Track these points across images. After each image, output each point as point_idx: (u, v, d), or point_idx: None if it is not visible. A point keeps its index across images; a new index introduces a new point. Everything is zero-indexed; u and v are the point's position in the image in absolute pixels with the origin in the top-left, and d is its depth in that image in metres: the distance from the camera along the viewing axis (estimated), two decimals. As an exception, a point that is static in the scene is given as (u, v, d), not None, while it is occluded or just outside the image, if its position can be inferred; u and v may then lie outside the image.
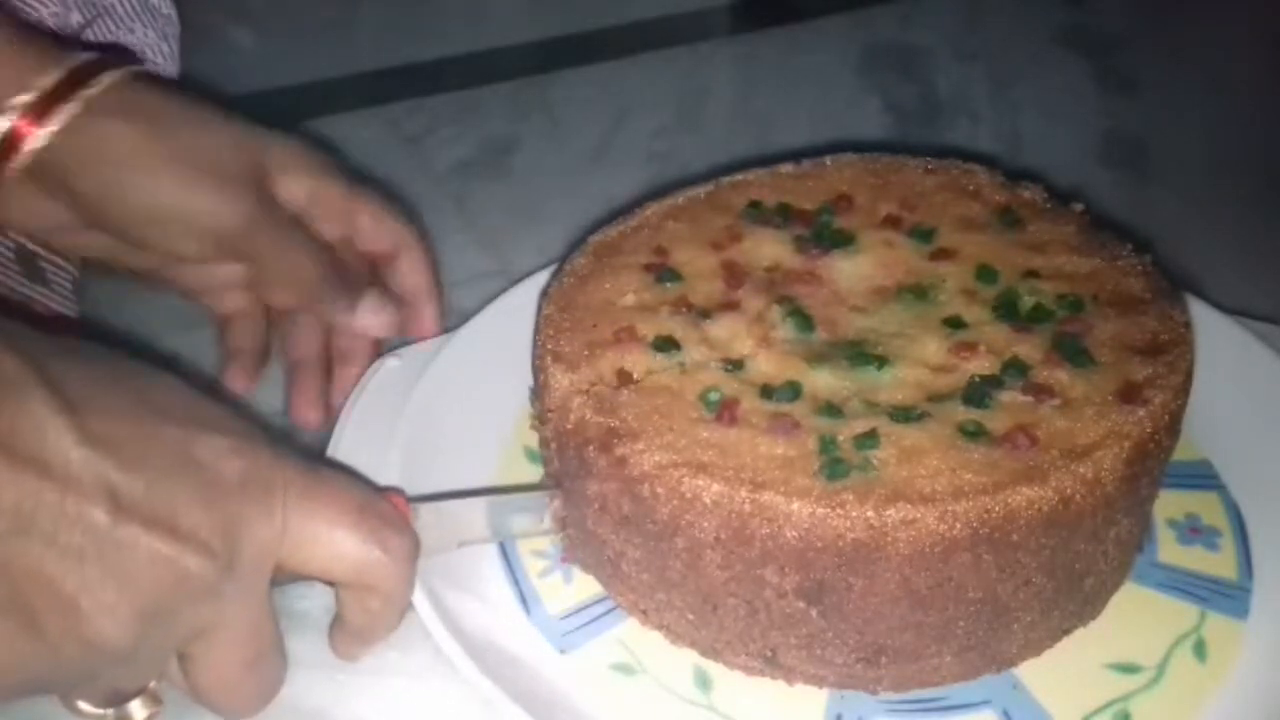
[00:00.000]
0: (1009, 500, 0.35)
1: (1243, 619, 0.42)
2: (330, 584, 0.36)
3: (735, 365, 0.41)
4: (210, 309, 0.51)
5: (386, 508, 0.36)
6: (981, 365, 0.40)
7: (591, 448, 0.38)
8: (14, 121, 0.42)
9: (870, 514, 0.34)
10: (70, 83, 0.43)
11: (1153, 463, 0.38)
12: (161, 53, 0.55)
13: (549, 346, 0.42)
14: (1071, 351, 0.40)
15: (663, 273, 0.45)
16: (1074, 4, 0.82)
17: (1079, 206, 0.48)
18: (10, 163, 0.43)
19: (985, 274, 0.45)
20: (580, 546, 0.42)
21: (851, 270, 0.46)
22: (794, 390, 0.40)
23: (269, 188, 0.47)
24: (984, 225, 0.47)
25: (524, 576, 0.44)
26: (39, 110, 0.43)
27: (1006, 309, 0.43)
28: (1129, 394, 0.38)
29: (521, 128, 0.71)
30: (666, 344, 0.42)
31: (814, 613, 0.37)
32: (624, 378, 0.41)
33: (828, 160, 0.51)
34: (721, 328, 0.43)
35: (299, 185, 0.48)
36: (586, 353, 0.42)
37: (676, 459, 0.37)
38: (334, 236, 0.50)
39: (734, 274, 0.46)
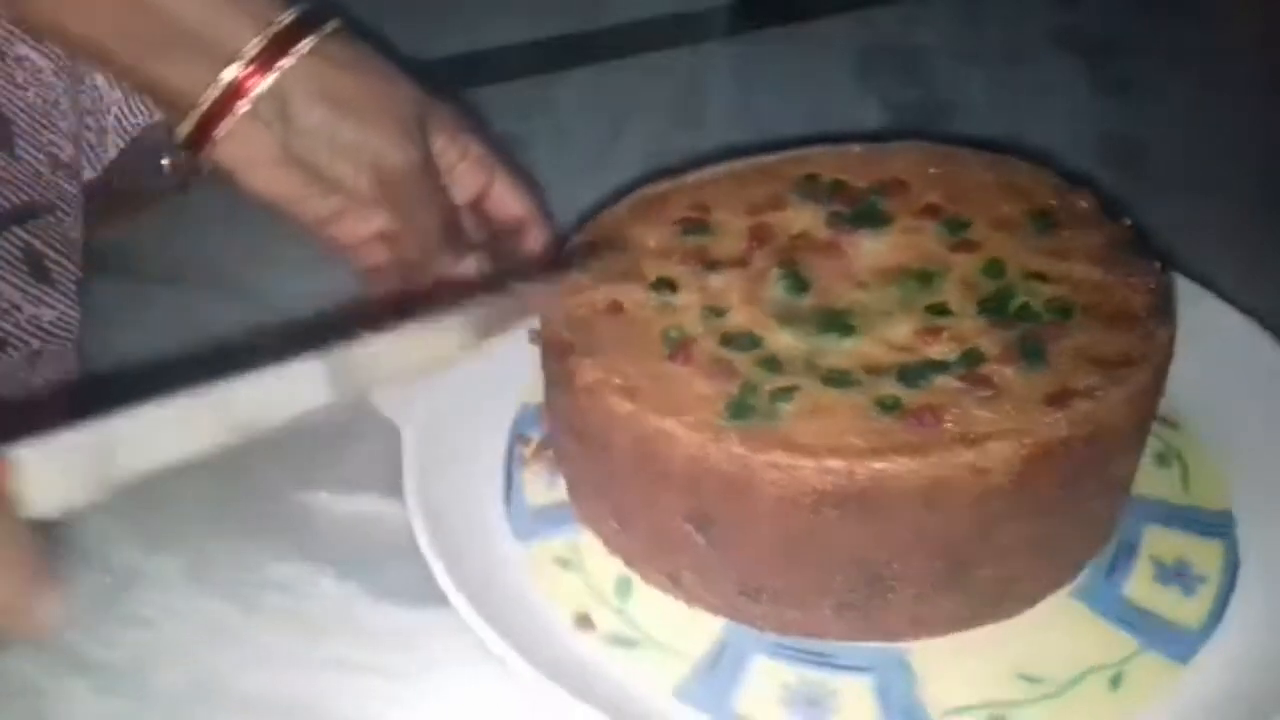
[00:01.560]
0: (879, 466, 0.36)
1: (1181, 663, 0.40)
2: None
3: (716, 313, 0.44)
4: (355, 261, 0.55)
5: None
6: (940, 351, 0.41)
7: (552, 357, 0.43)
8: (251, 62, 0.48)
9: (744, 452, 0.37)
10: (298, 28, 0.48)
11: (1063, 470, 0.38)
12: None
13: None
14: (1028, 351, 0.40)
15: (693, 226, 0.49)
16: (1073, 5, 0.81)
17: (1126, 221, 0.46)
18: (247, 96, 0.49)
19: (992, 269, 0.45)
20: (556, 451, 0.47)
21: (871, 249, 0.47)
22: (752, 342, 0.42)
23: (428, 143, 0.52)
24: (1017, 225, 0.47)
25: (517, 467, 0.49)
26: (272, 52, 0.48)
27: (995, 305, 0.43)
28: (1057, 398, 0.38)
29: (522, 128, 0.70)
30: (663, 285, 0.46)
31: (701, 540, 0.40)
32: (614, 308, 0.45)
33: (894, 145, 0.53)
34: (719, 280, 0.46)
35: (452, 144, 0.53)
36: (590, 279, 0.46)
37: (609, 379, 0.41)
38: (467, 197, 0.54)
39: (759, 237, 0.48)
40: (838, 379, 0.40)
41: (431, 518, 0.44)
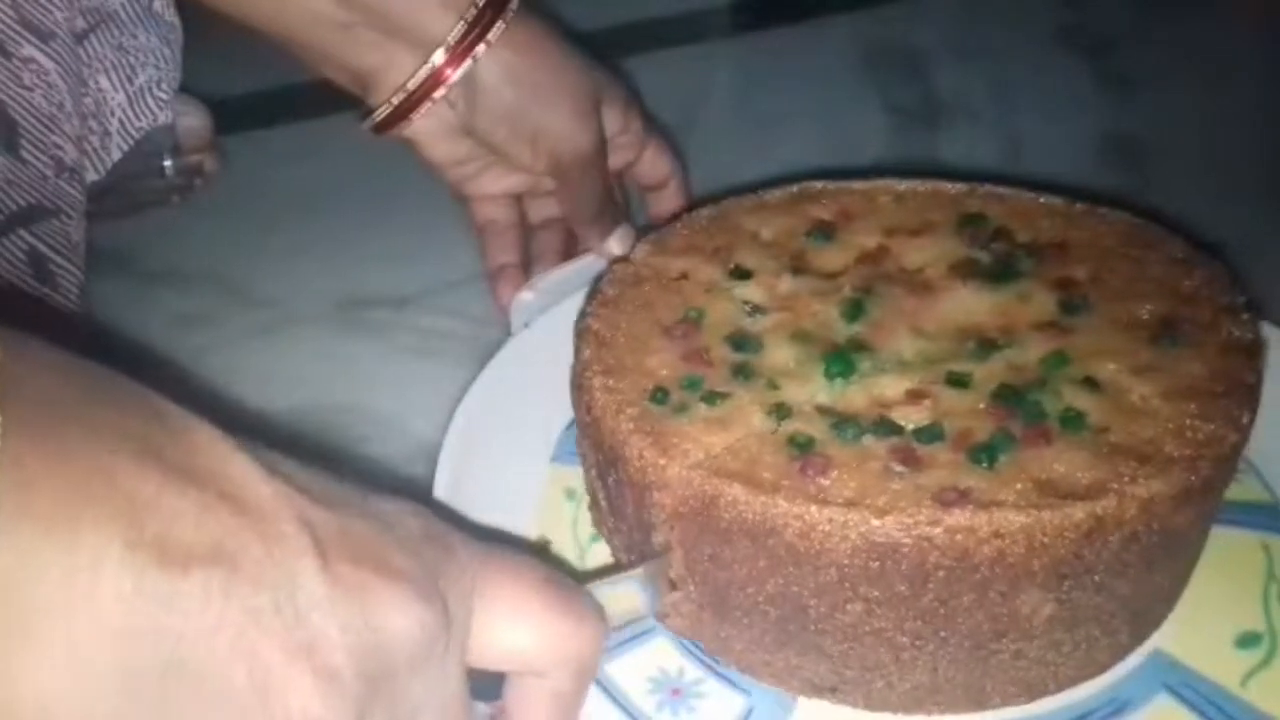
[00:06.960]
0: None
1: None
2: (503, 670, 0.29)
3: (756, 309, 0.42)
4: (476, 213, 0.56)
5: (568, 580, 0.30)
6: (907, 415, 0.37)
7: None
8: (451, 49, 0.49)
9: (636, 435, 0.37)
10: (489, 10, 0.49)
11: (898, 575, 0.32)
12: (164, 58, 0.56)
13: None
14: (984, 449, 0.35)
15: (819, 230, 0.47)
16: (1074, 3, 0.80)
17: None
18: (446, 83, 0.49)
19: (1054, 359, 0.39)
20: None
21: (964, 302, 0.43)
22: (751, 346, 0.40)
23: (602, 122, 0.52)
24: (1138, 327, 0.40)
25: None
26: (470, 39, 0.48)
27: (1012, 394, 0.37)
28: (950, 499, 0.33)
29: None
30: (739, 273, 0.44)
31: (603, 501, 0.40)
32: (681, 276, 0.45)
33: (1099, 210, 0.46)
34: (793, 284, 0.44)
35: (615, 115, 0.53)
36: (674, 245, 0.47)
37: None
38: (620, 162, 0.55)
39: (871, 259, 0.45)
40: (771, 406, 0.38)
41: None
